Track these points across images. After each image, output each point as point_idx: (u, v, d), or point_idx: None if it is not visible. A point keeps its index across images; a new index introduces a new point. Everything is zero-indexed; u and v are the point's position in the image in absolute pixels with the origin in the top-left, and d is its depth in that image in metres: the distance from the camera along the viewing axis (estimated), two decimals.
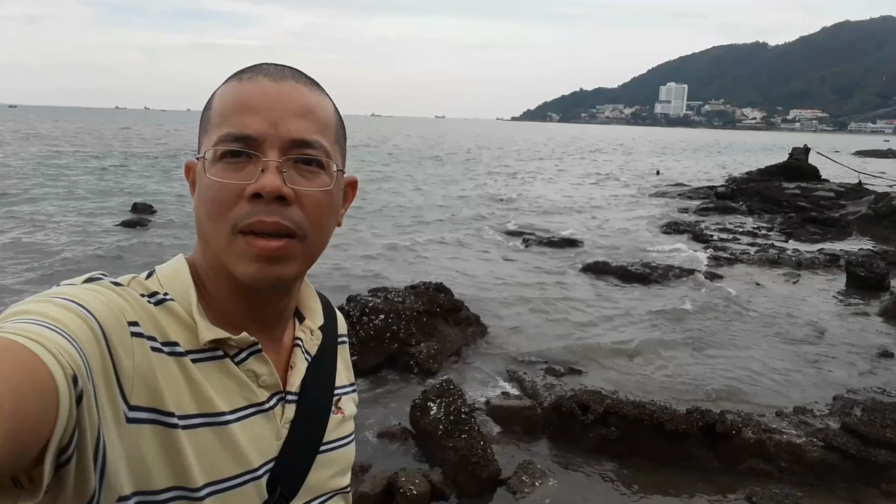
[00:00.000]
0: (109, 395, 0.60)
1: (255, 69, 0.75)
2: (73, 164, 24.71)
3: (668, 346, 6.42)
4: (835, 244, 12.12)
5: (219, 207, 0.71)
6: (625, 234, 13.33)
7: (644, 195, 20.84)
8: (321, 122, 0.75)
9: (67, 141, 41.07)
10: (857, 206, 15.13)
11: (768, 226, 14.20)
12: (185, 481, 0.66)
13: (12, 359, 0.49)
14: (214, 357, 0.72)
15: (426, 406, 4.19)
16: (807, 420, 4.48)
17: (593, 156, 47.88)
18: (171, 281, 0.75)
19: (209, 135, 0.73)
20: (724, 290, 8.63)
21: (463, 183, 23.48)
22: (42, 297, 0.61)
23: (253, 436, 0.73)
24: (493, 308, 7.47)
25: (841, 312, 7.78)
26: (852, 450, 4.04)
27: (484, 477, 3.82)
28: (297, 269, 0.75)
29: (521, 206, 17.37)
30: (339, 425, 0.86)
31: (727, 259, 10.47)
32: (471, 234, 12.85)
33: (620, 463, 4.22)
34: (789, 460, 4.08)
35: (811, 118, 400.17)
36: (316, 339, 0.86)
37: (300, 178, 0.72)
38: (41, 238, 10.71)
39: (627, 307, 7.82)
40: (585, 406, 4.45)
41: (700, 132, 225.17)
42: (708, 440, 4.20)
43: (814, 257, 10.42)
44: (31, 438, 0.48)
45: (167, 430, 0.65)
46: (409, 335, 5.69)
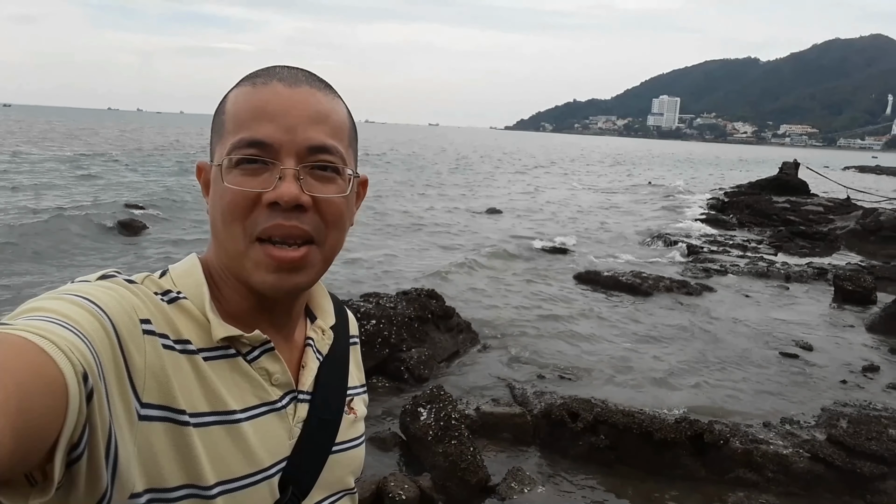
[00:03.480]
0: (121, 393, 0.60)
1: (269, 73, 0.75)
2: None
3: (657, 357, 6.46)
4: (823, 258, 12.24)
5: (236, 214, 0.71)
6: (616, 243, 13.41)
7: (636, 205, 20.98)
8: (336, 126, 0.75)
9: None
10: (846, 221, 15.29)
11: (758, 239, 14.32)
12: (197, 479, 0.66)
13: (22, 356, 0.49)
14: (226, 355, 0.72)
15: (416, 412, 4.20)
16: (794, 431, 4.52)
17: (586, 166, 48.13)
18: (185, 279, 0.75)
19: (224, 140, 0.73)
20: (713, 301, 8.70)
21: (457, 191, 23.53)
22: (55, 294, 0.61)
23: (265, 435, 0.73)
24: (484, 315, 7.48)
25: (829, 325, 7.85)
26: (838, 461, 4.08)
27: (473, 483, 3.83)
28: (314, 277, 0.76)
29: (513, 214, 17.43)
30: (351, 426, 0.86)
31: (717, 271, 10.54)
32: (463, 241, 12.88)
33: (609, 471, 4.23)
34: (776, 470, 4.11)
35: (801, 133, 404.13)
36: (328, 338, 0.86)
37: (317, 183, 0.72)
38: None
39: (617, 317, 7.86)
40: (575, 414, 4.47)
41: (692, 145, 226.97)
42: (696, 450, 4.23)
43: (802, 271, 10.51)
44: (40, 436, 0.48)
45: (179, 427, 0.65)
46: (400, 341, 5.69)
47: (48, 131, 55.52)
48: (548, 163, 49.36)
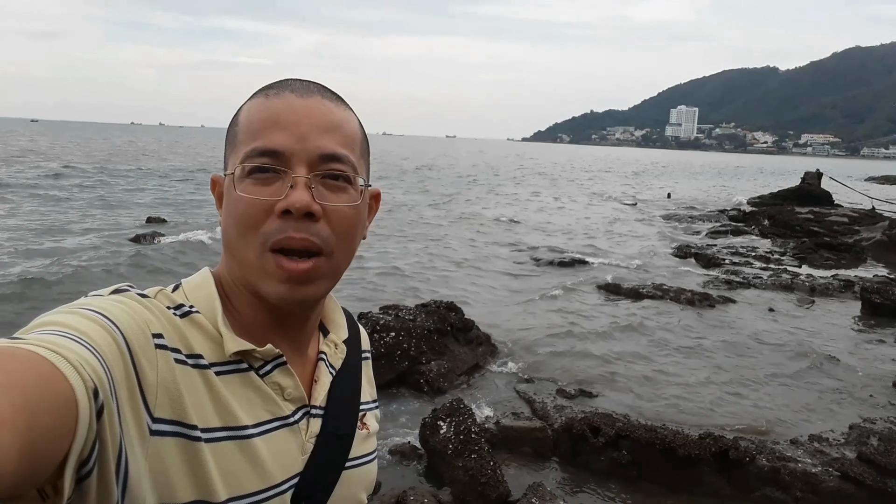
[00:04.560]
0: (133, 408, 0.59)
1: (281, 85, 0.75)
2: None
3: (679, 371, 6.36)
4: (849, 270, 12.00)
5: (248, 223, 0.71)
6: (636, 255, 13.28)
7: (655, 217, 20.80)
8: (347, 136, 0.75)
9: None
10: (872, 232, 15.01)
11: (781, 250, 14.09)
12: (208, 495, 0.66)
13: (32, 371, 0.48)
14: (238, 370, 0.72)
15: (436, 425, 4.17)
16: (822, 449, 4.41)
17: (604, 177, 47.92)
18: (197, 293, 0.74)
19: (237, 151, 0.73)
20: (736, 314, 8.56)
21: (473, 202, 23.54)
22: (68, 308, 0.61)
23: (277, 450, 0.72)
24: (503, 328, 7.44)
25: (856, 339, 7.68)
26: (868, 480, 3.97)
27: (493, 498, 3.78)
28: (325, 288, 0.75)
29: (532, 226, 17.38)
30: (363, 441, 0.85)
31: (739, 283, 10.39)
32: (483, 254, 12.86)
33: (631, 487, 4.16)
34: (804, 489, 4.01)
35: (823, 143, 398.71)
36: (340, 352, 0.85)
37: (328, 193, 0.72)
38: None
39: (639, 330, 7.77)
40: (596, 429, 4.41)
41: (711, 155, 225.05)
42: (721, 467, 4.14)
43: (828, 283, 10.32)
44: (49, 452, 0.47)
45: (190, 443, 0.65)
46: (419, 353, 5.68)
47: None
48: (565, 173, 49.27)
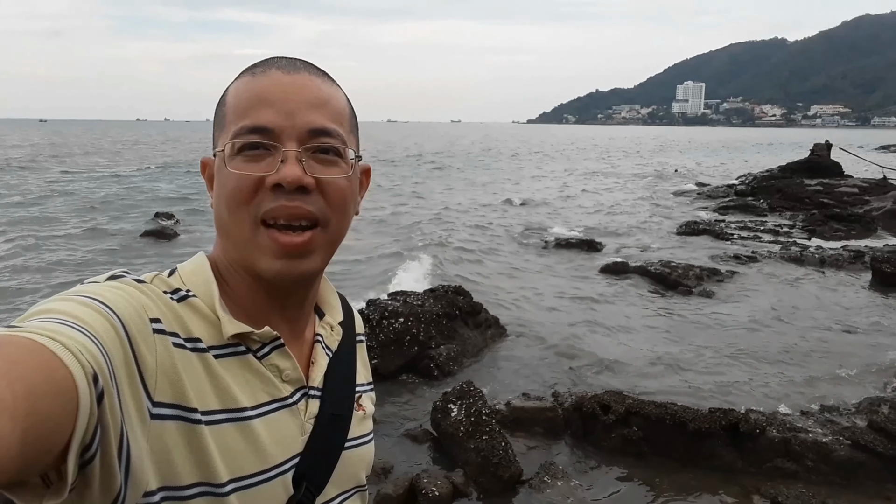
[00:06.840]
0: (133, 392, 0.60)
1: (268, 63, 0.75)
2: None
3: (687, 347, 6.37)
4: (859, 241, 11.93)
5: (239, 198, 0.71)
6: (643, 233, 13.24)
7: (663, 194, 20.68)
8: (336, 111, 0.75)
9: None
10: (882, 202, 14.85)
11: (790, 223, 14.01)
12: (210, 477, 0.66)
13: (31, 358, 0.49)
14: (236, 352, 0.72)
15: (447, 408, 4.21)
16: (833, 418, 4.42)
17: (610, 155, 47.60)
18: (193, 277, 0.75)
19: (225, 130, 0.73)
20: (745, 288, 8.54)
21: (478, 186, 23.49)
22: (65, 296, 0.61)
23: (276, 431, 0.73)
24: (512, 310, 7.46)
25: (867, 309, 7.65)
26: (880, 448, 3.97)
27: (506, 478, 3.82)
28: (320, 262, 0.76)
29: (539, 208, 17.33)
30: (360, 422, 0.86)
31: (748, 257, 10.34)
32: (491, 236, 12.86)
33: (643, 463, 4.19)
34: (815, 459, 4.02)
35: (833, 114, 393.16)
36: (336, 334, 0.86)
37: (319, 166, 0.72)
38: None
39: (646, 307, 7.77)
40: (607, 406, 4.43)
41: (718, 130, 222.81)
42: (731, 440, 4.16)
43: (838, 254, 10.25)
44: (51, 438, 0.48)
45: (191, 425, 0.65)
46: (428, 338, 5.71)
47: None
48: (570, 154, 48.97)
